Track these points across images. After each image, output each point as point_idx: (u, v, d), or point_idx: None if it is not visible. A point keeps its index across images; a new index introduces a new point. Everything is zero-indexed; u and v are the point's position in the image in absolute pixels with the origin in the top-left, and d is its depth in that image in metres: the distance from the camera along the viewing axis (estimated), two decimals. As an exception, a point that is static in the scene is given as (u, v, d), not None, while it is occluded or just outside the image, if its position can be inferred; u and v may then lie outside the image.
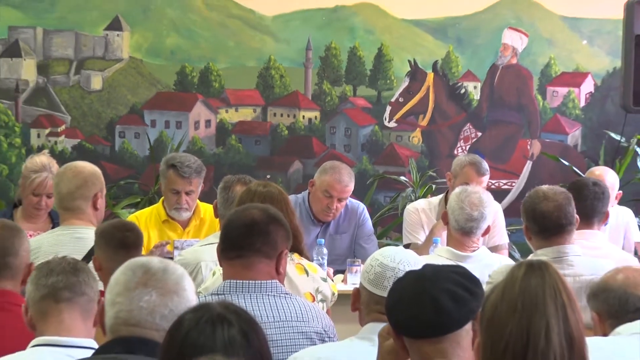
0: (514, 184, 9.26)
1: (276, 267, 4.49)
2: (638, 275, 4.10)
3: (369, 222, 7.57)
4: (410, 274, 3.42)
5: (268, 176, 7.84)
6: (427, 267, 3.46)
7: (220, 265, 4.53)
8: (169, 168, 6.85)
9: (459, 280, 3.28)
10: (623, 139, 9.04)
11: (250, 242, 4.34)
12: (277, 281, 4.50)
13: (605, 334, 4.01)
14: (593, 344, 3.48)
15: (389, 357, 3.48)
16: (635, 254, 6.73)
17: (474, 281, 3.28)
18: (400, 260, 3.89)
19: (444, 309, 3.14)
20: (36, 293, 3.71)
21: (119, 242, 5.09)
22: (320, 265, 6.03)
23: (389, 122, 9.32)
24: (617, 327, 4.01)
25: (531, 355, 2.79)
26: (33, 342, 3.67)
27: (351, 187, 7.21)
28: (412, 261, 3.91)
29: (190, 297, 3.30)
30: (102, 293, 4.67)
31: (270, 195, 5.31)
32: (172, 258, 5.87)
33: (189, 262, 5.23)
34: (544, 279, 2.88)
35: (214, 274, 5.00)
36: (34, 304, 3.72)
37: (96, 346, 3.52)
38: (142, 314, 3.23)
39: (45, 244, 4.62)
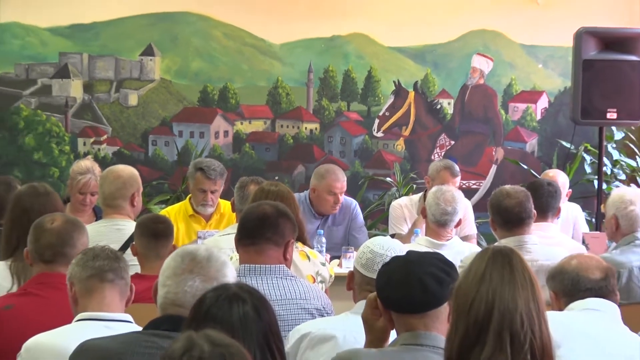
0: (481, 184, 9.26)
1: (284, 253, 4.54)
2: (589, 260, 4.10)
3: (361, 216, 7.60)
4: (397, 258, 3.47)
5: (276, 177, 7.84)
6: (412, 253, 3.50)
7: (237, 252, 4.58)
8: (197, 171, 6.88)
9: (440, 264, 3.32)
10: (572, 147, 9.04)
11: (262, 233, 4.39)
12: (284, 265, 4.55)
13: (560, 310, 4.01)
14: (551, 316, 3.50)
15: (381, 335, 3.51)
16: (583, 242, 6.72)
17: (451, 266, 3.31)
18: (387, 248, 3.93)
19: (428, 288, 3.19)
20: (83, 273, 3.71)
21: (152, 232, 5.12)
22: (320, 252, 6.03)
23: (377, 132, 9.32)
24: (570, 303, 4.02)
25: (496, 317, 2.81)
26: (78, 316, 3.70)
27: (345, 182, 7.26)
28: (398, 249, 3.94)
29: (230, 272, 3.33)
30: (137, 275, 4.71)
31: (280, 193, 5.36)
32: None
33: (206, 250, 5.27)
34: (510, 259, 2.91)
35: (231, 259, 4.93)
36: (80, 281, 3.72)
37: (132, 320, 3.56)
38: (187, 297, 3.24)
39: (91, 233, 4.62)
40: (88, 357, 3.18)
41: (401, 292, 3.28)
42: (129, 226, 5.55)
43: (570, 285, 3.99)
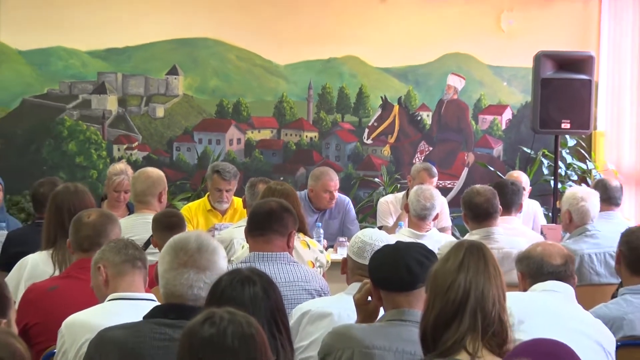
0: (455, 184, 9.23)
1: (287, 243, 4.54)
2: (552, 248, 4.09)
3: (353, 211, 7.60)
4: (388, 246, 3.54)
5: (281, 178, 7.81)
6: (400, 243, 3.57)
7: (247, 242, 4.57)
8: (214, 173, 6.90)
9: (423, 252, 3.38)
10: (532, 152, 9.04)
11: (269, 225, 4.41)
12: (288, 253, 4.54)
13: (525, 289, 4.02)
14: (516, 296, 3.50)
15: (371, 314, 3.50)
16: (541, 233, 6.72)
17: (432, 253, 3.38)
18: (375, 238, 3.93)
19: (413, 271, 3.24)
20: (117, 258, 3.71)
21: (167, 225, 5.11)
22: (318, 241, 6.01)
23: (367, 140, 9.29)
24: (534, 284, 4.01)
25: (472, 301, 2.81)
26: (110, 296, 3.68)
27: (338, 181, 7.30)
28: (384, 239, 3.95)
29: (222, 266, 3.28)
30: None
31: (285, 191, 5.37)
32: (214, 236, 5.88)
33: (225, 239, 5.24)
34: (482, 253, 2.91)
35: (242, 247, 5.06)
36: (113, 265, 3.71)
37: (155, 299, 3.55)
38: (183, 289, 3.21)
39: (124, 226, 4.61)
40: (106, 349, 3.13)
41: (390, 273, 3.32)
42: (148, 218, 5.54)
43: (535, 268, 3.98)
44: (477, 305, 2.83)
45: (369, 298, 3.45)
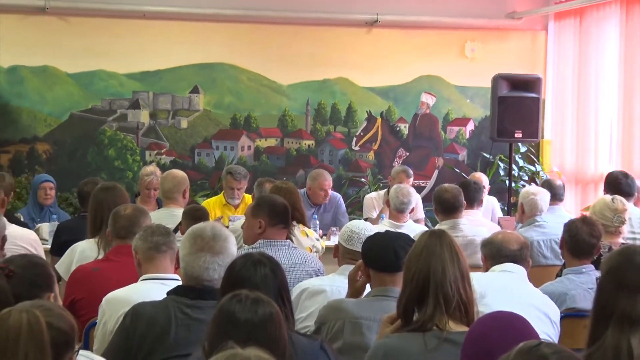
0: (427, 183, 9.24)
1: (287, 233, 4.49)
2: (510, 236, 4.11)
3: (343, 205, 7.63)
4: (379, 234, 3.56)
5: (284, 178, 7.79)
6: (390, 232, 3.61)
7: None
8: (227, 174, 6.94)
9: (407, 241, 3.40)
10: (491, 157, 9.05)
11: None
12: (289, 240, 4.54)
13: (487, 269, 4.04)
14: (479, 275, 3.48)
15: (358, 290, 3.51)
16: (498, 223, 6.72)
17: (412, 241, 3.29)
18: (362, 228, 3.95)
19: (399, 256, 3.22)
20: (144, 245, 3.70)
21: (193, 216, 5.15)
22: (315, 231, 6.01)
23: (354, 147, 9.29)
24: (494, 266, 4.01)
25: (432, 282, 2.81)
26: (142, 277, 3.70)
27: (331, 181, 7.31)
28: (369, 229, 3.96)
29: (233, 251, 3.29)
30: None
31: (289, 189, 5.41)
32: (228, 226, 5.88)
33: (237, 228, 5.23)
34: (442, 239, 2.90)
35: None
36: (142, 252, 3.70)
37: (179, 278, 3.49)
38: (200, 270, 3.20)
39: (153, 218, 4.61)
40: (138, 322, 3.12)
41: (381, 256, 3.34)
42: (180, 213, 5.54)
43: (495, 252, 3.98)
44: (437, 287, 2.81)
45: (360, 276, 3.47)
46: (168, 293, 3.20)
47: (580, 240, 4.29)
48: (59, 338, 2.07)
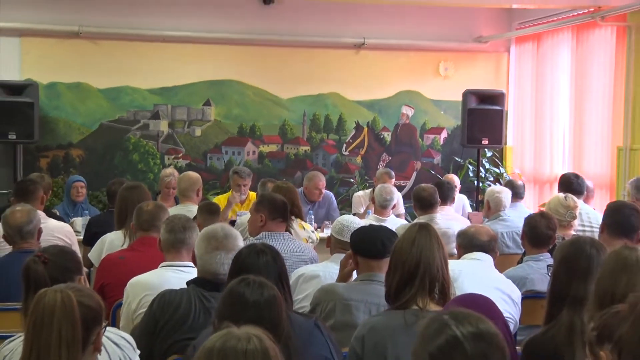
0: (407, 183, 9.23)
1: (286, 226, 4.47)
2: (481, 229, 4.12)
3: (335, 203, 7.63)
4: (367, 226, 3.56)
5: (284, 179, 7.77)
6: (376, 225, 3.64)
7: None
8: (234, 174, 6.95)
9: (390, 232, 3.39)
10: (461, 161, 9.06)
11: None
12: (288, 233, 4.52)
13: (459, 258, 4.04)
14: (453, 262, 3.49)
15: (347, 275, 3.53)
16: (468, 218, 6.72)
17: (395, 234, 3.33)
18: (351, 222, 3.96)
19: (385, 245, 3.20)
20: (166, 236, 3.68)
21: (208, 210, 5.19)
22: (310, 224, 6.00)
23: (344, 152, 9.27)
24: (465, 254, 4.02)
25: (422, 267, 2.80)
26: (161, 265, 3.71)
27: (324, 181, 7.35)
28: (357, 222, 3.96)
29: (241, 247, 3.26)
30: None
31: (289, 188, 5.43)
32: (234, 221, 5.88)
33: (244, 222, 5.22)
34: (430, 232, 2.90)
35: None
36: (165, 241, 3.69)
37: (192, 265, 3.48)
38: (217, 266, 3.20)
39: (171, 213, 4.60)
40: (164, 307, 3.12)
41: (369, 245, 3.31)
42: (195, 209, 5.52)
43: (468, 242, 3.98)
44: (425, 272, 2.81)
45: (349, 264, 3.47)
46: (188, 283, 3.20)
47: (538, 232, 4.29)
48: (88, 314, 2.06)
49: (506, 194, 6.15)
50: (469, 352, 1.72)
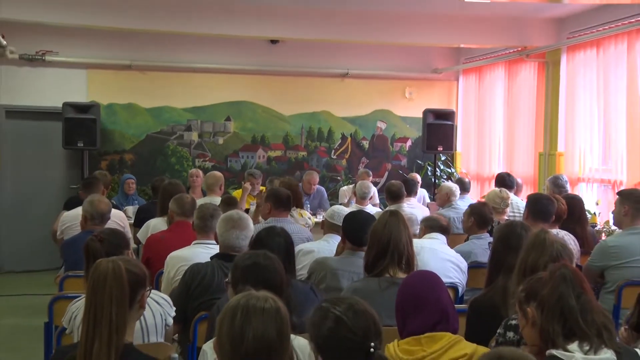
0: (381, 180, 9.18)
1: (288, 213, 4.51)
2: (439, 216, 4.21)
3: (325, 195, 7.67)
4: (354, 213, 3.49)
5: (287, 177, 7.72)
6: (363, 212, 3.55)
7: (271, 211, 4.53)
8: (249, 175, 6.96)
9: (372, 218, 3.30)
10: (422, 163, 9.02)
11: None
12: (289, 218, 4.54)
13: (422, 237, 4.05)
14: (416, 240, 3.46)
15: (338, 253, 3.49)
16: (427, 207, 6.71)
17: (374, 217, 3.29)
18: (340, 210, 3.99)
19: (365, 237, 3.08)
20: (198, 222, 3.66)
21: (228, 202, 5.14)
22: (307, 211, 5.97)
23: (333, 156, 9.22)
24: (427, 234, 4.01)
25: (392, 244, 2.79)
26: (193, 242, 3.69)
27: (317, 178, 7.33)
28: (344, 210, 3.92)
29: (252, 227, 3.33)
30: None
31: (293, 183, 5.42)
32: (248, 209, 5.84)
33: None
34: (398, 217, 2.88)
35: None
36: (196, 225, 3.67)
37: (215, 242, 3.42)
38: (233, 241, 3.19)
39: (200, 202, 4.58)
40: (194, 275, 3.10)
41: (355, 230, 3.26)
42: (218, 200, 5.49)
43: (429, 225, 3.97)
44: (394, 248, 2.80)
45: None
46: (212, 257, 3.18)
47: (483, 217, 4.29)
48: (133, 279, 2.04)
49: (456, 188, 6.15)
50: (349, 324, 1.71)
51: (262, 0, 6.89)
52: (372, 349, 1.65)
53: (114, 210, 4.98)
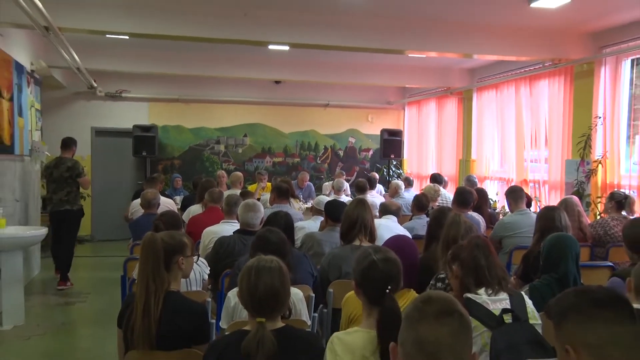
0: (351, 178, 9.12)
1: (287, 200, 4.41)
2: (394, 202, 4.02)
3: (313, 189, 7.56)
4: (332, 200, 3.40)
5: (286, 176, 7.70)
6: (338, 200, 3.46)
7: (274, 200, 4.46)
8: (258, 174, 6.85)
9: (344, 205, 3.25)
10: (380, 166, 9.00)
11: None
12: (288, 204, 4.43)
13: (380, 217, 3.99)
14: (376, 221, 3.42)
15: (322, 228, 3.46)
16: (383, 196, 6.68)
17: (345, 204, 3.27)
18: (323, 199, 4.01)
19: (341, 211, 3.04)
20: (226, 207, 3.61)
21: (245, 194, 4.99)
22: (300, 200, 5.92)
23: (318, 161, 9.18)
24: (383, 215, 3.95)
25: (359, 221, 2.76)
26: (222, 221, 3.63)
27: (307, 177, 7.25)
28: (326, 199, 3.94)
29: (262, 210, 3.24)
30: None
31: (289, 181, 5.28)
32: (259, 198, 5.77)
33: (265, 199, 5.15)
34: (364, 203, 2.85)
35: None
36: (225, 210, 3.62)
37: (237, 222, 3.34)
38: (249, 220, 3.14)
39: (227, 193, 4.53)
40: (222, 245, 3.06)
41: (333, 211, 3.21)
42: (238, 192, 5.43)
43: (384, 209, 3.95)
44: (362, 223, 2.78)
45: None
46: (234, 232, 3.15)
47: (422, 204, 4.29)
48: (167, 247, 1.95)
49: (402, 184, 6.14)
50: (380, 268, 1.70)
51: (268, 54, 6.92)
52: (387, 290, 1.62)
53: (165, 199, 4.96)
